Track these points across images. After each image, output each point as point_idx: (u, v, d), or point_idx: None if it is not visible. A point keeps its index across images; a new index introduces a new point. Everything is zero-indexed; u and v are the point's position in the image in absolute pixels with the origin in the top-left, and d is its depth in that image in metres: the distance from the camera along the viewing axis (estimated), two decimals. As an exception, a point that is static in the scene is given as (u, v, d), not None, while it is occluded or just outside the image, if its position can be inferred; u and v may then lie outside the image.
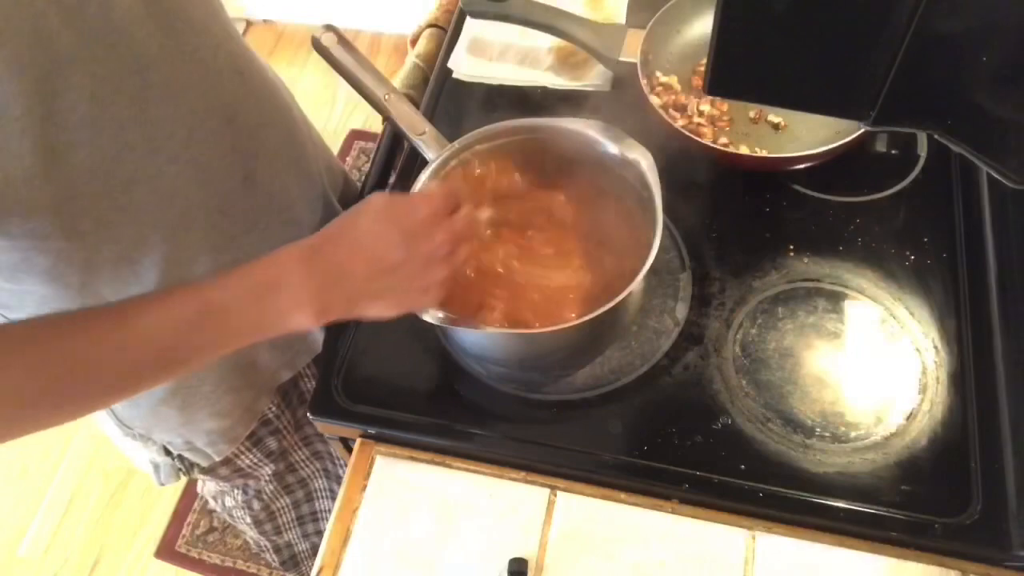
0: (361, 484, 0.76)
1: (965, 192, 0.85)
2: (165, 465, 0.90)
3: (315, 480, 1.14)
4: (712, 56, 0.52)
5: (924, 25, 0.45)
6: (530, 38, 0.99)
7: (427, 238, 0.63)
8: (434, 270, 0.64)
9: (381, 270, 0.62)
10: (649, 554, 0.70)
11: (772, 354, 0.77)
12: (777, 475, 0.71)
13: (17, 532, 1.77)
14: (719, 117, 0.90)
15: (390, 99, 0.81)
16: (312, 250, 0.62)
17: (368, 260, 0.62)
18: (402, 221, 0.63)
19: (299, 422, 1.03)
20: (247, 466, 0.97)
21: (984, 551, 0.68)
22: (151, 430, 0.85)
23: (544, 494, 0.74)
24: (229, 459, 0.93)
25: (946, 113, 0.50)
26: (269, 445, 0.96)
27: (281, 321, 0.61)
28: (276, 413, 0.94)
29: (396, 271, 0.62)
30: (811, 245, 0.83)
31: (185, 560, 1.71)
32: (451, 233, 0.64)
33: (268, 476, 1.02)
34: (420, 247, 0.62)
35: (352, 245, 0.62)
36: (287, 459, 1.04)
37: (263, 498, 1.09)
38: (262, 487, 1.05)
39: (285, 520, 1.16)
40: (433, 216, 0.64)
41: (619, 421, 0.75)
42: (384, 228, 0.62)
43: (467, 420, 0.77)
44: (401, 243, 0.62)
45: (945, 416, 0.73)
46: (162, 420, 0.82)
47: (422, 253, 0.63)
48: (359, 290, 0.63)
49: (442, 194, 0.67)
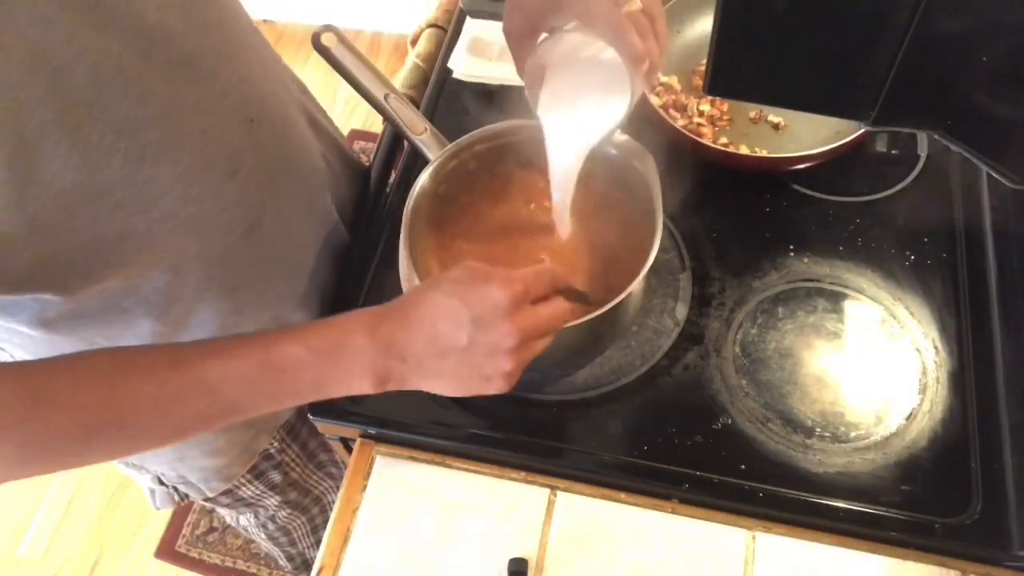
0: (361, 484, 0.76)
1: (965, 192, 0.85)
2: (160, 492, 0.88)
3: (330, 494, 1.13)
4: (712, 57, 0.52)
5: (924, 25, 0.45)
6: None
7: (495, 327, 0.57)
8: (498, 361, 0.58)
9: (440, 351, 0.58)
10: (649, 554, 0.70)
11: (772, 354, 0.77)
12: (777, 475, 0.71)
13: (17, 532, 1.77)
14: (719, 117, 0.90)
15: (390, 99, 0.81)
16: (380, 318, 0.59)
17: (428, 339, 0.57)
18: (474, 302, 0.57)
19: (311, 453, 1.01)
20: (250, 496, 0.95)
21: (984, 551, 0.68)
22: (144, 460, 0.84)
23: (544, 494, 0.74)
24: (229, 490, 0.91)
25: (946, 113, 0.50)
26: (272, 478, 0.95)
27: (341, 385, 0.59)
28: (279, 448, 0.92)
29: (455, 355, 0.58)
30: (811, 245, 0.83)
31: (185, 560, 1.71)
32: (526, 327, 0.58)
33: (276, 505, 1.01)
34: (486, 335, 0.57)
35: (417, 319, 0.58)
36: (299, 487, 1.03)
37: (277, 521, 1.08)
38: (275, 513, 1.04)
39: (300, 534, 1.15)
40: (512, 303, 0.57)
41: (619, 421, 0.75)
42: (452, 307, 0.57)
43: (467, 420, 0.77)
44: (466, 326, 0.57)
45: (945, 416, 0.73)
46: (155, 453, 0.80)
47: (487, 342, 0.57)
48: (416, 368, 0.59)
49: (531, 277, 0.60)
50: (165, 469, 0.84)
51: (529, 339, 0.59)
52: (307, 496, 1.07)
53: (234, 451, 0.84)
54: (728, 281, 0.82)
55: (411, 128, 0.80)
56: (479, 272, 0.58)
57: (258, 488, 0.95)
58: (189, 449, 0.81)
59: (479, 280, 0.58)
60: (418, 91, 0.99)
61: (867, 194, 0.86)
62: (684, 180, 0.85)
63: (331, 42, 0.80)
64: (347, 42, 0.81)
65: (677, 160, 0.82)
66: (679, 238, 0.84)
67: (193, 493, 0.88)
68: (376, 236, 0.87)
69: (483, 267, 0.59)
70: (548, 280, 0.61)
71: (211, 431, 0.64)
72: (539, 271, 0.61)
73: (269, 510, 1.02)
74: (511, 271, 0.59)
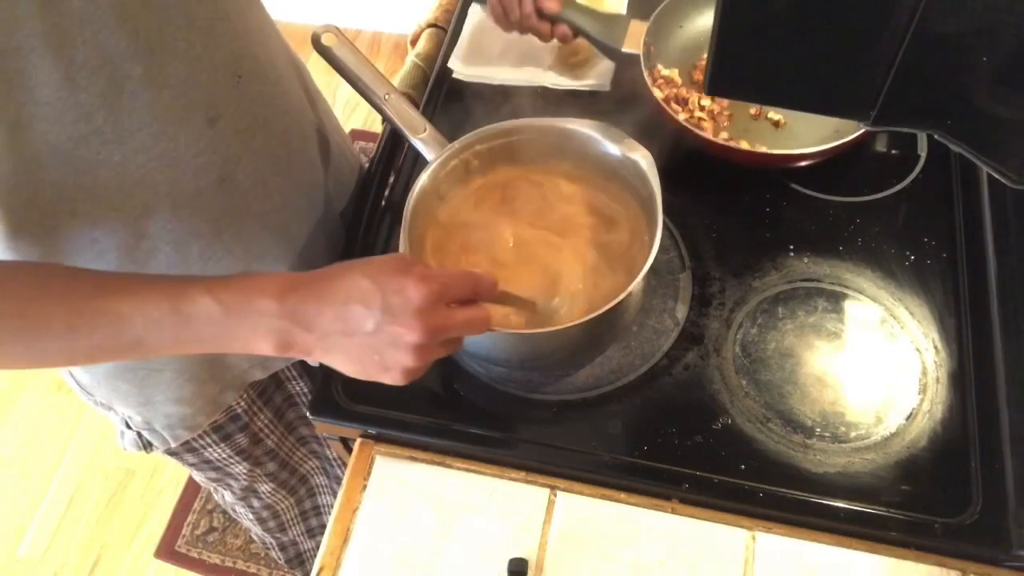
0: (361, 484, 0.76)
1: (965, 192, 0.85)
2: (129, 435, 0.90)
3: (315, 476, 1.14)
4: (712, 56, 0.52)
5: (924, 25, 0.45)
6: (530, 37, 0.99)
7: (402, 320, 0.57)
8: (399, 354, 0.58)
9: (345, 330, 0.58)
10: (649, 554, 0.70)
11: (772, 354, 0.77)
12: (777, 475, 0.71)
13: (17, 532, 1.77)
14: (720, 112, 0.90)
15: (390, 99, 0.81)
16: (292, 285, 0.58)
17: (336, 316, 0.57)
18: (388, 291, 0.57)
19: (291, 424, 1.02)
20: (216, 459, 0.96)
21: (984, 551, 0.68)
22: (111, 401, 0.85)
23: (544, 494, 0.74)
24: (195, 448, 0.92)
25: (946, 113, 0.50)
26: (239, 442, 0.96)
27: (242, 343, 0.59)
28: (246, 409, 0.93)
29: (359, 338, 0.58)
30: (811, 245, 0.83)
31: (185, 560, 1.71)
32: (433, 326, 0.57)
33: (246, 473, 1.01)
34: (392, 325, 0.57)
35: (329, 295, 0.58)
36: (278, 458, 1.04)
37: (261, 497, 1.08)
38: (251, 484, 1.05)
39: (288, 517, 1.16)
40: (424, 299, 0.57)
41: (619, 421, 0.75)
42: (366, 290, 0.57)
43: (467, 420, 0.77)
44: (375, 312, 0.57)
45: (945, 416, 0.73)
46: (121, 395, 0.82)
47: (392, 332, 0.57)
48: (319, 341, 0.58)
49: (452, 279, 0.60)
50: (132, 413, 0.85)
51: (435, 339, 0.58)
52: (292, 474, 1.07)
53: (199, 402, 0.85)
54: (728, 281, 0.82)
55: (411, 128, 0.80)
56: (402, 263, 0.59)
57: (224, 451, 0.95)
58: (155, 394, 0.82)
59: (399, 271, 0.58)
60: (418, 91, 0.99)
61: (867, 194, 0.86)
62: (684, 180, 0.85)
63: (331, 42, 0.81)
64: (347, 42, 0.81)
65: (678, 157, 0.82)
66: (679, 238, 0.84)
67: (157, 441, 0.89)
68: (376, 236, 0.87)
69: (408, 259, 0.60)
70: (470, 284, 0.61)
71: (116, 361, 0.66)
72: (463, 274, 0.62)
73: (241, 480, 1.02)
74: (433, 269, 0.59)
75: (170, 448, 0.90)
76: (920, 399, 0.74)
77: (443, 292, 0.58)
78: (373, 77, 0.81)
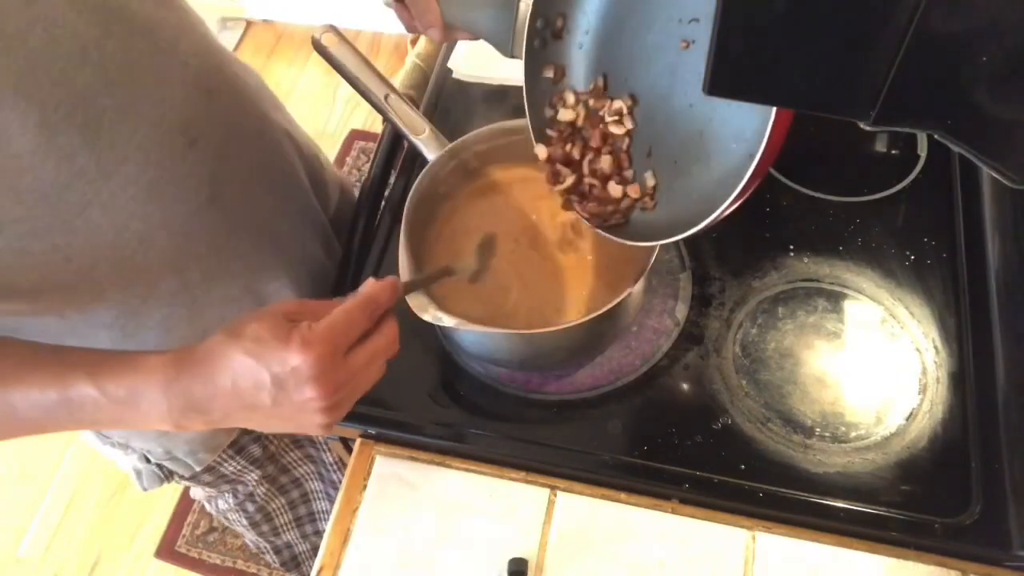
0: (361, 484, 0.76)
1: (965, 192, 0.85)
2: (147, 471, 0.89)
3: (310, 481, 1.14)
4: (711, 56, 0.52)
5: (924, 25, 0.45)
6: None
7: (298, 391, 0.53)
8: (309, 417, 0.55)
9: (244, 406, 0.55)
10: (649, 554, 0.70)
11: (772, 354, 0.77)
12: (777, 475, 0.71)
13: (17, 532, 1.77)
14: None
15: (390, 99, 0.81)
16: (177, 369, 0.55)
17: (229, 396, 0.54)
18: (273, 364, 0.53)
19: None
20: (231, 472, 0.96)
21: (984, 551, 0.68)
22: (129, 439, 0.84)
23: (544, 494, 0.74)
24: (212, 466, 0.92)
25: (946, 113, 0.50)
26: (253, 452, 0.96)
27: (143, 426, 0.58)
28: None
29: (262, 411, 0.55)
30: (811, 245, 0.83)
31: (185, 560, 1.71)
32: (335, 383, 0.54)
33: (256, 480, 1.02)
34: (290, 397, 0.53)
35: (214, 377, 0.54)
36: (278, 461, 1.04)
37: (256, 500, 1.08)
38: (253, 490, 1.05)
39: (282, 521, 1.15)
40: (315, 366, 0.52)
41: (619, 421, 0.75)
42: (250, 368, 0.53)
43: (467, 420, 0.77)
44: (267, 388, 0.53)
45: (945, 416, 0.73)
46: (138, 430, 0.81)
47: (294, 402, 0.54)
48: (224, 419, 0.56)
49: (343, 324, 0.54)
50: (152, 446, 0.85)
51: (340, 394, 0.55)
52: (285, 474, 1.07)
53: None
54: (728, 281, 0.82)
55: (411, 128, 0.80)
56: (279, 330, 0.53)
57: (240, 463, 0.95)
58: None
59: (277, 339, 0.53)
60: (418, 91, 0.99)
61: (867, 194, 0.86)
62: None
63: (331, 42, 0.81)
64: (347, 42, 0.81)
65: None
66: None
67: (180, 469, 0.88)
68: (376, 236, 0.87)
69: (285, 326, 0.54)
70: (366, 312, 0.56)
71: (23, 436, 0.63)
72: (352, 308, 0.55)
73: (248, 486, 1.02)
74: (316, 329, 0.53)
75: (194, 473, 0.89)
76: (920, 399, 0.74)
77: (333, 349, 0.53)
78: (373, 77, 0.81)
